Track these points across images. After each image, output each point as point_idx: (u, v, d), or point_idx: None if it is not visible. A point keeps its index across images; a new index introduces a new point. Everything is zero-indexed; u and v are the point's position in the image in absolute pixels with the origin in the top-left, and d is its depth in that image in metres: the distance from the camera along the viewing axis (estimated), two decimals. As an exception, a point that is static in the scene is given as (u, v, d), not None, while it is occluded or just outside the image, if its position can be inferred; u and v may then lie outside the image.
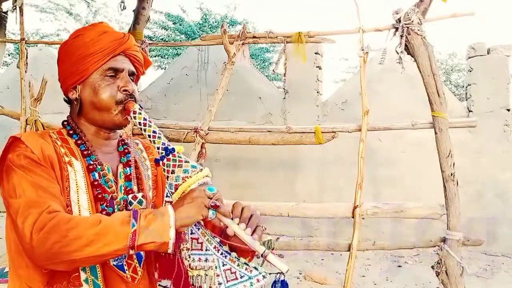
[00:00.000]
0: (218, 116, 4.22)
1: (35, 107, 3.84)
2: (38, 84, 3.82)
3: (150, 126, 1.09)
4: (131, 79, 1.19)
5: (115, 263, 1.10)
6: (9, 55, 12.95)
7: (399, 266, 4.67)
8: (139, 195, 1.18)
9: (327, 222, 5.52)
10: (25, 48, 4.17)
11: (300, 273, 4.30)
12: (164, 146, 1.07)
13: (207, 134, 3.72)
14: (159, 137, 1.08)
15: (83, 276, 1.05)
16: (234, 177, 5.76)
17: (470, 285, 3.59)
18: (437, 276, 3.10)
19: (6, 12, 4.61)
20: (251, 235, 1.00)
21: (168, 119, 5.97)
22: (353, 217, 3.24)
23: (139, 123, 1.10)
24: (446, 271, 3.03)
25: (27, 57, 4.21)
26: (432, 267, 3.16)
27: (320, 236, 5.57)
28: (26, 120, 3.94)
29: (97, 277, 1.07)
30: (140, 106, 1.14)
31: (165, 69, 11.09)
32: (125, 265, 1.12)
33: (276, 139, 3.70)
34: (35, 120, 3.83)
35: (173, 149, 1.06)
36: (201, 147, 3.69)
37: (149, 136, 1.09)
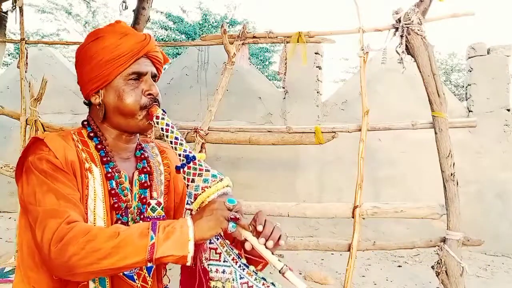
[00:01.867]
0: (218, 116, 4.21)
1: (35, 107, 3.84)
2: (38, 84, 3.81)
3: (172, 132, 1.06)
4: (153, 80, 1.16)
5: (126, 272, 1.08)
6: (9, 55, 12.94)
7: (399, 266, 4.67)
8: (153, 202, 1.17)
9: (327, 222, 5.52)
10: (25, 48, 4.17)
11: (300, 273, 4.30)
12: (186, 154, 1.04)
13: (207, 134, 3.72)
14: (181, 144, 1.05)
15: (91, 285, 1.04)
16: (234, 177, 5.62)
17: (470, 285, 3.59)
18: (437, 276, 3.10)
19: (6, 12, 4.60)
20: (273, 247, 0.97)
21: (168, 119, 5.96)
22: (353, 217, 3.24)
23: (162, 128, 1.07)
24: (446, 271, 3.03)
25: (27, 57, 4.20)
26: (432, 267, 3.16)
27: (320, 236, 5.57)
28: (26, 120, 3.93)
29: (105, 286, 1.06)
30: (164, 111, 1.11)
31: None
32: (135, 275, 1.10)
33: (276, 139, 3.70)
34: (35, 120, 3.83)
35: (194, 157, 1.03)
36: (201, 147, 3.69)
37: (171, 142, 1.06)
